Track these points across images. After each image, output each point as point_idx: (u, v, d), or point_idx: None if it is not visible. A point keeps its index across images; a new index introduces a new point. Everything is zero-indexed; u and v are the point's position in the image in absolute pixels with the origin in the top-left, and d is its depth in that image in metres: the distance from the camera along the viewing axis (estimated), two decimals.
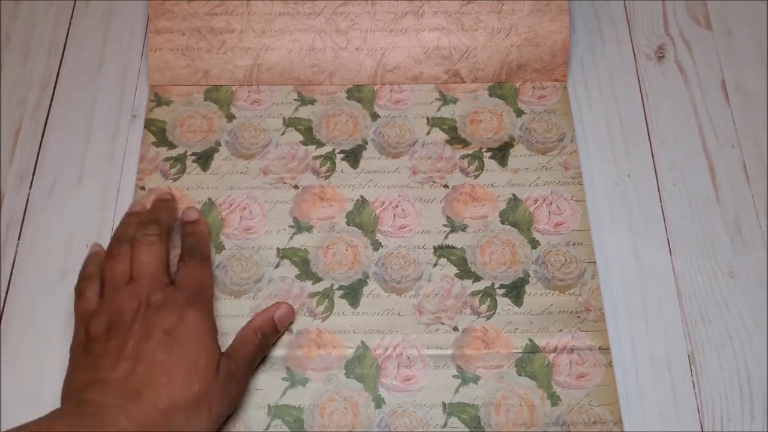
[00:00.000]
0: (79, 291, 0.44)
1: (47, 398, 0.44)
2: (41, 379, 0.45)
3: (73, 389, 0.39)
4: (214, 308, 0.44)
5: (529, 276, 0.48)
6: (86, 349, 0.41)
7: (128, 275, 0.43)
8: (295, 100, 0.54)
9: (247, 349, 0.43)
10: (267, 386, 0.44)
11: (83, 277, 0.45)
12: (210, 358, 0.40)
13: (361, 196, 0.51)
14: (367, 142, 0.53)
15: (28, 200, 0.50)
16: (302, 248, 0.49)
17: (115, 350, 0.39)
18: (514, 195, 0.51)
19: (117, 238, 0.46)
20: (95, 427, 0.35)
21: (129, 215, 0.48)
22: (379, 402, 0.44)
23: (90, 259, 0.46)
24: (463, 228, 0.49)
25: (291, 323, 0.46)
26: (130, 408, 0.37)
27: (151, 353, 0.39)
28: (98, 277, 0.44)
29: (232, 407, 0.42)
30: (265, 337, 0.44)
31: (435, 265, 0.48)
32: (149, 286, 0.42)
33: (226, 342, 0.44)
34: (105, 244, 0.49)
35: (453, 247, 0.49)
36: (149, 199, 0.49)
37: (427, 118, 0.53)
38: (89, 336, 0.41)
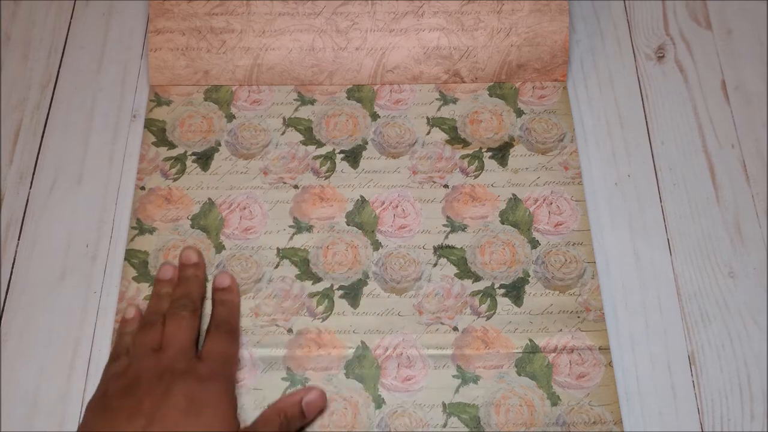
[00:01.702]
0: (112, 357, 0.44)
1: (47, 399, 0.44)
2: (41, 379, 0.45)
3: None
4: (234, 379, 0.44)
5: (529, 276, 0.48)
6: (102, 404, 0.40)
7: (157, 345, 0.43)
8: (295, 100, 0.54)
9: (267, 430, 0.41)
10: (267, 386, 0.44)
11: (117, 348, 0.44)
12: (226, 428, 0.39)
13: (361, 196, 0.51)
14: (367, 142, 0.53)
15: (28, 200, 0.50)
16: (302, 248, 0.49)
17: (131, 407, 0.39)
18: (514, 195, 0.51)
19: (150, 312, 0.45)
20: None
21: (159, 283, 0.47)
22: (379, 402, 0.44)
23: (126, 325, 0.46)
24: (463, 228, 0.49)
25: (322, 412, 0.44)
26: None
27: (166, 414, 0.38)
28: (132, 346, 0.44)
29: None
30: (288, 421, 0.42)
31: (435, 265, 0.48)
32: (174, 356, 0.42)
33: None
34: (104, 245, 0.49)
35: (453, 247, 0.49)
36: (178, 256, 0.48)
37: (427, 118, 0.53)
38: (107, 393, 0.41)
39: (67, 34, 0.57)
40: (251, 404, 0.44)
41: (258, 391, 0.44)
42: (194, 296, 0.46)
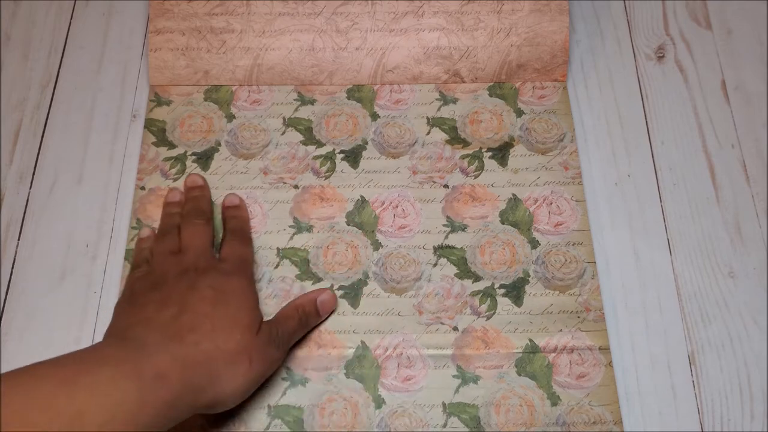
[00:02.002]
0: (132, 267, 0.46)
1: None
2: None
3: (116, 329, 0.40)
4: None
5: (529, 276, 0.48)
6: (130, 301, 0.42)
7: (176, 249, 0.45)
8: (295, 100, 0.54)
9: (288, 324, 0.44)
10: (267, 386, 0.44)
11: (136, 259, 0.47)
12: (252, 317, 0.41)
13: (361, 196, 0.51)
14: (367, 142, 0.53)
15: (28, 200, 0.50)
16: (302, 248, 0.49)
17: (160, 299, 0.40)
18: (514, 195, 0.51)
19: (163, 225, 0.48)
20: (137, 358, 0.36)
21: (168, 205, 0.49)
22: (379, 402, 0.44)
23: (142, 242, 0.48)
24: (463, 228, 0.49)
25: (333, 311, 0.46)
26: (172, 346, 0.37)
27: (195, 304, 0.40)
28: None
29: (272, 369, 0.42)
30: (306, 316, 0.45)
31: (435, 265, 0.48)
32: (195, 257, 0.44)
33: None
34: (104, 245, 0.49)
35: (453, 247, 0.49)
36: (182, 185, 0.51)
37: (427, 118, 0.53)
38: (133, 292, 0.42)
39: (67, 34, 0.57)
40: (252, 404, 0.44)
41: (258, 391, 0.44)
42: (205, 209, 0.48)
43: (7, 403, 0.31)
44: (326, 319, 0.46)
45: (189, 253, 0.44)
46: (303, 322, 0.44)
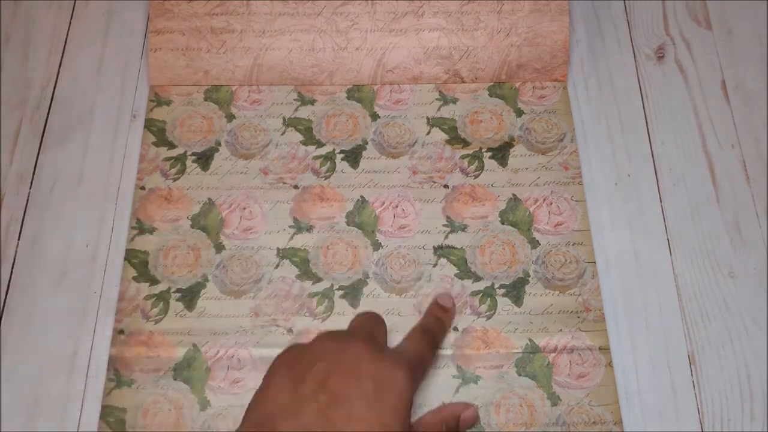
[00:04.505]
0: None
1: (47, 399, 0.44)
2: (41, 379, 0.45)
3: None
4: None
5: (529, 276, 0.48)
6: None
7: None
8: (295, 100, 0.54)
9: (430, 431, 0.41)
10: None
11: None
12: (401, 424, 0.37)
13: (361, 196, 0.51)
14: (367, 142, 0.53)
15: (28, 200, 0.50)
16: (302, 248, 0.49)
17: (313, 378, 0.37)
18: (514, 195, 0.51)
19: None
20: None
21: None
22: None
23: None
24: (463, 228, 0.49)
25: (470, 427, 0.44)
26: None
27: (352, 398, 0.37)
28: None
29: None
30: (447, 431, 0.42)
31: (435, 265, 0.48)
32: (363, 341, 0.40)
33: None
34: (104, 245, 0.49)
35: (453, 247, 0.49)
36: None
37: (427, 118, 0.53)
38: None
39: (67, 34, 0.57)
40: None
41: None
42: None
43: None
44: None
45: (356, 333, 0.41)
46: None
